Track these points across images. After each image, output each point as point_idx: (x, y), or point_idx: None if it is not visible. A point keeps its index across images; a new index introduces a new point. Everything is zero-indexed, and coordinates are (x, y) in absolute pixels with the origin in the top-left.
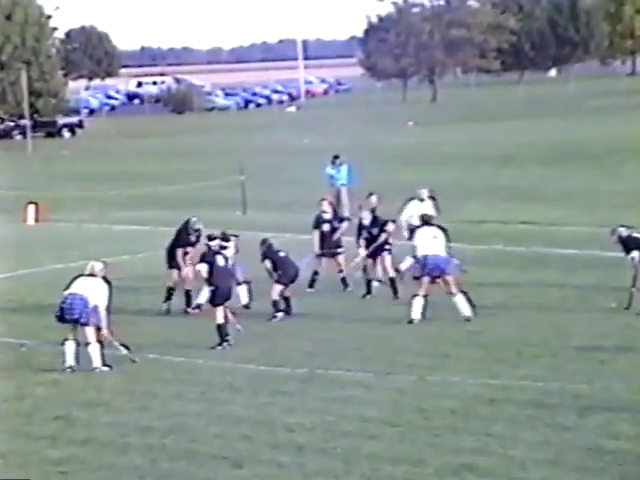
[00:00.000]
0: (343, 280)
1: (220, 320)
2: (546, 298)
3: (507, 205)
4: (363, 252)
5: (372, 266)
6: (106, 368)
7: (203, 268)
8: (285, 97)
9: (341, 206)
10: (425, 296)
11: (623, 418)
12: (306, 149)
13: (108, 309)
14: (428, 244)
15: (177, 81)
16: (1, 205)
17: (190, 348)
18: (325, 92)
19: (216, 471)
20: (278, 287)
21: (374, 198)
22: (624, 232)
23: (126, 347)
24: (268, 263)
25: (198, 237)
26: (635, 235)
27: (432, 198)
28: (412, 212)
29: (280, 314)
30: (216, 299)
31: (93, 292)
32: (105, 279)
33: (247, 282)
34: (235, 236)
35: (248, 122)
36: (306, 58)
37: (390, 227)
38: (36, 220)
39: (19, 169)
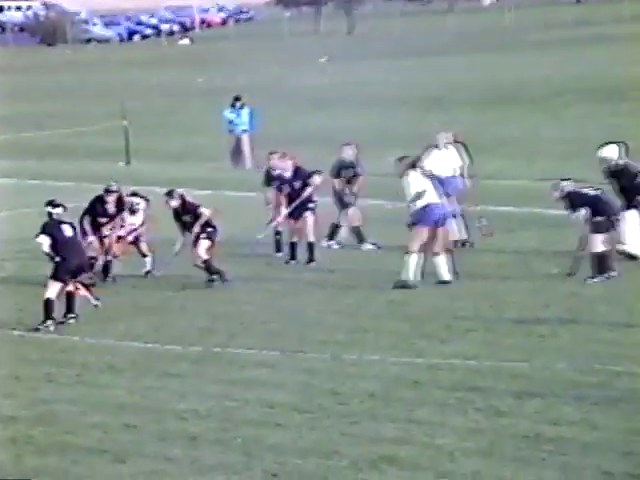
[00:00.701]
0: (309, 248)
1: (51, 295)
2: (479, 263)
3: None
4: (284, 212)
5: (294, 227)
6: None
7: (44, 241)
8: (176, 27)
9: (241, 156)
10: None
11: (565, 401)
12: (201, 90)
13: None
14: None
15: (46, 6)
16: None
17: (63, 323)
18: (224, 22)
19: (93, 467)
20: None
21: (348, 149)
22: (569, 187)
23: None
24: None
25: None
26: (582, 191)
27: (458, 142)
28: (432, 165)
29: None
30: (59, 273)
31: None
32: None
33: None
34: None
35: (132, 57)
36: None
37: (316, 180)
38: None
39: None
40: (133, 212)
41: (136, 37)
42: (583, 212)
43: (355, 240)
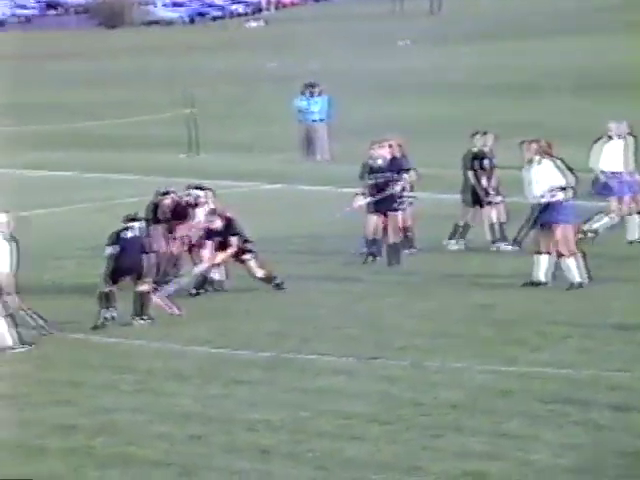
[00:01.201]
0: (391, 250)
1: (103, 289)
2: None
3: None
4: (362, 200)
5: (379, 224)
6: (23, 348)
7: (109, 251)
8: (246, 8)
9: (313, 148)
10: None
11: None
12: (272, 76)
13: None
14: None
15: None
16: None
17: (126, 326)
18: (295, 2)
19: None
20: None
21: (481, 139)
22: None
23: (40, 317)
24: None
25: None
26: None
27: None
28: (601, 156)
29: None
30: (109, 271)
31: None
32: (11, 237)
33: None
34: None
35: (199, 40)
36: None
37: (412, 176)
38: None
39: None
40: (196, 206)
41: (203, 19)
42: None
43: (491, 238)
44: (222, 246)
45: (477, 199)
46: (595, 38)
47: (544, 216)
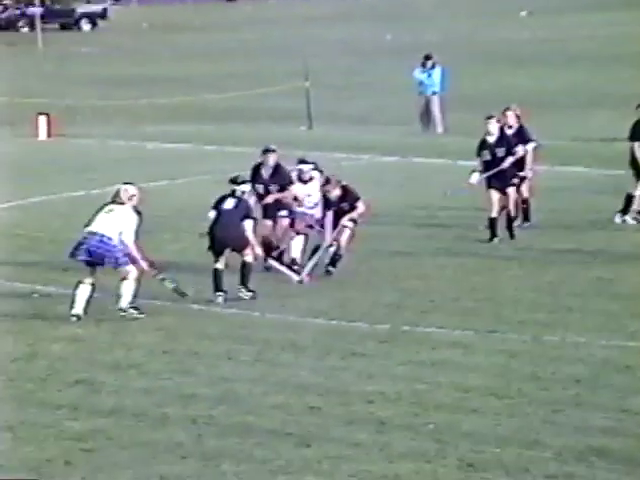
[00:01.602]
0: (508, 222)
1: (217, 265)
2: None
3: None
4: (475, 178)
5: (495, 200)
6: (134, 311)
7: (210, 215)
8: None
9: (432, 119)
10: None
11: None
12: (389, 47)
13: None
14: None
15: None
16: (5, 116)
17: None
18: None
19: (277, 450)
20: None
21: (510, 113)
22: None
23: (172, 281)
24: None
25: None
26: None
27: None
28: None
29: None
30: (209, 246)
31: (118, 225)
32: (135, 209)
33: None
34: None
35: (315, 12)
36: None
37: (520, 150)
38: (48, 135)
39: (26, 70)
40: (304, 182)
41: None
42: None
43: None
44: (339, 215)
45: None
46: None
47: None
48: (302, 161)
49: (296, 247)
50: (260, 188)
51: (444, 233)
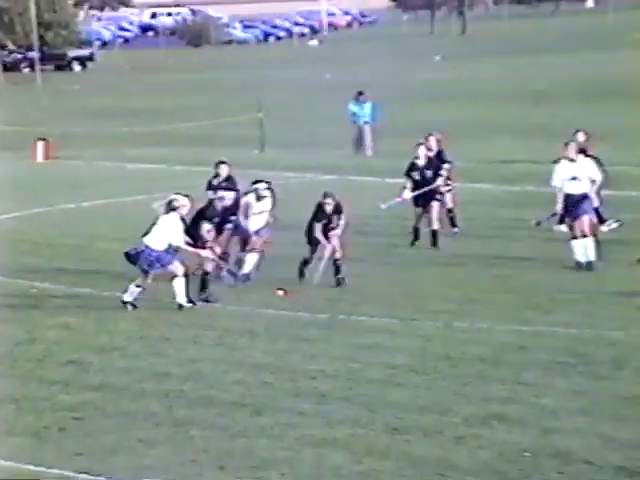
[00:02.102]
0: (433, 237)
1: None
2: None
3: (540, 144)
4: (407, 194)
5: (420, 215)
6: (190, 304)
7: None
8: (307, 30)
9: (363, 145)
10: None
11: None
12: (328, 85)
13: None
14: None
15: (193, 12)
16: (9, 141)
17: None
18: (349, 25)
19: (235, 419)
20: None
21: (432, 138)
22: None
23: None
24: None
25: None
26: None
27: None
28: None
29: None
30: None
31: (164, 235)
32: (181, 217)
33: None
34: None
35: (268, 56)
36: None
37: (444, 171)
38: (45, 158)
39: (27, 104)
40: (259, 199)
41: (271, 39)
42: None
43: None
44: (327, 227)
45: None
46: (594, 54)
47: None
48: (258, 181)
49: (250, 263)
50: (211, 194)
51: (376, 239)
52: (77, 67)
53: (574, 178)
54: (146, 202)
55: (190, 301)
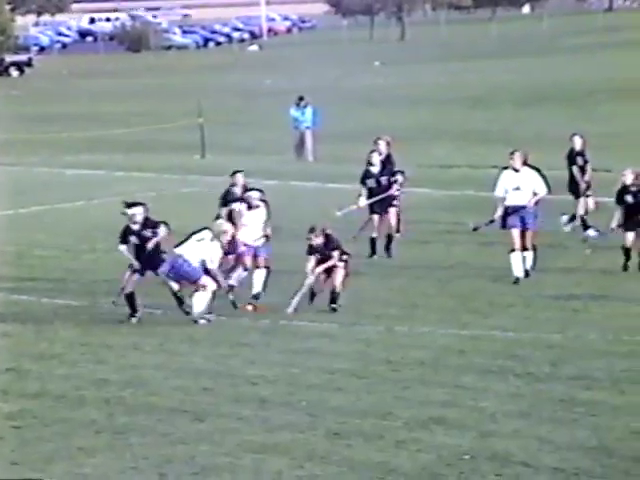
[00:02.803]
0: (388, 240)
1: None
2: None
3: (478, 149)
4: (362, 202)
5: (377, 222)
6: (204, 321)
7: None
8: (246, 35)
9: (305, 150)
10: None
11: (597, 368)
12: (269, 90)
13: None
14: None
15: (132, 17)
16: None
17: (147, 297)
18: (288, 30)
19: (176, 425)
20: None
21: (382, 142)
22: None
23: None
24: None
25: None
26: None
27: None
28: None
29: None
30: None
31: (203, 254)
32: (221, 245)
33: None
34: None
35: (207, 61)
36: None
37: (400, 177)
38: None
39: None
40: (250, 208)
41: (211, 44)
42: None
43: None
44: (323, 261)
45: (578, 192)
46: (530, 59)
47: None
48: (251, 189)
49: (258, 281)
50: (236, 205)
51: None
52: (15, 73)
53: (517, 188)
54: (85, 208)
55: (205, 318)
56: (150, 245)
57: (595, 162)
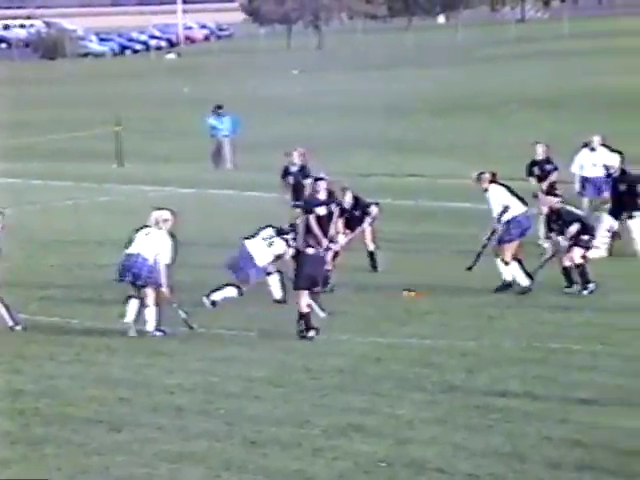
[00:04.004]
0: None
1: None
2: (437, 254)
3: (395, 157)
4: (343, 239)
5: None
6: (159, 333)
7: None
8: (164, 43)
9: (223, 158)
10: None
11: (511, 375)
12: (186, 98)
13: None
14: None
15: (47, 24)
16: None
17: (64, 306)
18: (206, 38)
19: (92, 436)
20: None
21: (296, 153)
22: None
23: (185, 312)
24: None
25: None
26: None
27: (605, 146)
28: (582, 161)
29: None
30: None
31: (155, 247)
32: (170, 233)
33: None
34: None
35: (124, 69)
36: (185, 2)
37: (374, 210)
38: None
39: None
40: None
41: (128, 52)
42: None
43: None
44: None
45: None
46: (445, 69)
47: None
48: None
49: (275, 287)
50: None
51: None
52: None
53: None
54: None
55: (160, 329)
56: None
57: (509, 171)
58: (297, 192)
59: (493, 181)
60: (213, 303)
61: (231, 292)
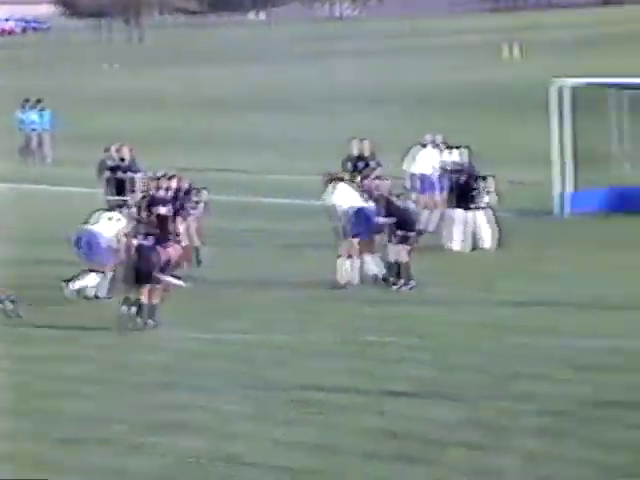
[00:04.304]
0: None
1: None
2: (257, 248)
3: (210, 152)
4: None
5: None
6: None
7: None
8: None
9: (34, 152)
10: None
11: (328, 369)
12: None
13: None
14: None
15: None
16: None
17: None
18: (23, 30)
19: None
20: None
21: (125, 149)
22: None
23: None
24: None
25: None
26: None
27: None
28: (414, 158)
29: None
30: None
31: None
32: None
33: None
34: None
35: None
36: None
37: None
38: None
39: None
40: None
41: None
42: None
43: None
44: None
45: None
46: (261, 65)
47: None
48: None
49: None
50: None
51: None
52: None
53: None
54: None
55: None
56: None
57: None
58: (116, 187)
59: (337, 179)
60: (78, 292)
61: (93, 279)
